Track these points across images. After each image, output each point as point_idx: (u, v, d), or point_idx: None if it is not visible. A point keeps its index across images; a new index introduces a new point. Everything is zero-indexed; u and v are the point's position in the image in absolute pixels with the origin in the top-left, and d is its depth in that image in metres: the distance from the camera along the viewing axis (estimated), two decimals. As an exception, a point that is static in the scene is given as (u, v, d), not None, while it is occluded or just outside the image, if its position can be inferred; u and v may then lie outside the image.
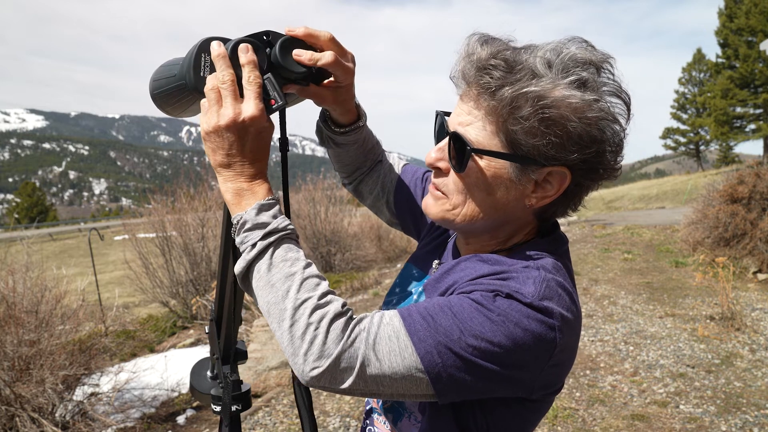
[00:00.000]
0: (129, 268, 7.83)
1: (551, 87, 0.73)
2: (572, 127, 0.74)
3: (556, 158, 0.76)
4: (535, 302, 0.72)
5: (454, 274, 0.85)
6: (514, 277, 0.76)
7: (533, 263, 0.79)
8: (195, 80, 0.73)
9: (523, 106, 0.73)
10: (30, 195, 72.03)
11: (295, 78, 0.79)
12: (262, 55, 0.74)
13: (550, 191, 0.79)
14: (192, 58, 0.73)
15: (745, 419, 3.48)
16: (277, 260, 0.75)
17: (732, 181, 7.93)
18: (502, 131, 0.76)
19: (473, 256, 0.86)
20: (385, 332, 0.72)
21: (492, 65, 0.75)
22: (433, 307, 0.74)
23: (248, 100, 0.75)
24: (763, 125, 38.06)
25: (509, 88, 0.74)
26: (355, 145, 1.08)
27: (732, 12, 37.79)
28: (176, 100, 0.79)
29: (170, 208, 8.06)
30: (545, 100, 0.73)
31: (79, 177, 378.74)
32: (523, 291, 0.73)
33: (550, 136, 0.74)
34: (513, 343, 0.70)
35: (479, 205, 0.82)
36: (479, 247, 0.90)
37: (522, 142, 0.75)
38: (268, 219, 0.77)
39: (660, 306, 6.13)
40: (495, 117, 0.76)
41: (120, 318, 5.70)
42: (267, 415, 3.89)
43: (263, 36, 0.77)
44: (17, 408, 3.26)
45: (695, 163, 56.46)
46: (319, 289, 0.74)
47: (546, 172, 0.78)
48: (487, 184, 0.79)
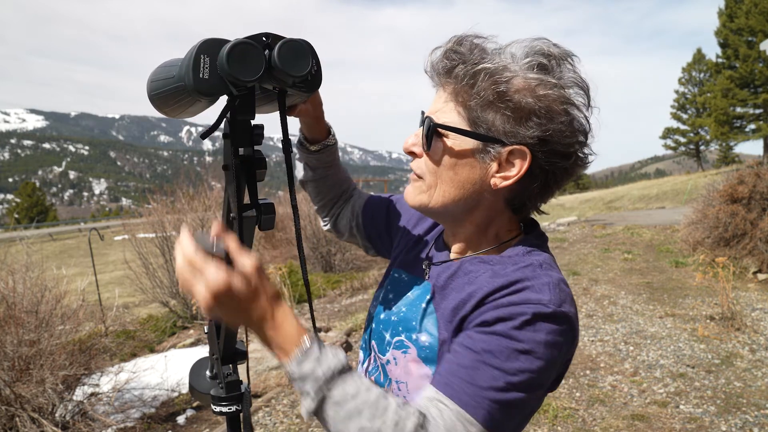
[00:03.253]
0: (129, 268, 7.83)
1: (507, 64, 0.79)
2: (526, 103, 0.77)
3: (514, 135, 0.79)
4: (557, 312, 0.75)
5: (459, 279, 0.87)
6: (528, 287, 0.77)
7: (534, 259, 0.83)
8: (194, 82, 0.73)
9: (479, 81, 0.78)
10: (30, 195, 72.04)
11: (293, 82, 0.78)
12: (260, 58, 0.73)
13: (512, 171, 0.82)
14: (191, 59, 0.72)
15: (745, 419, 3.48)
16: (337, 402, 0.73)
17: (732, 181, 7.92)
18: (463, 109, 0.81)
19: (474, 259, 0.88)
20: (449, 421, 0.73)
21: (453, 50, 0.81)
22: (468, 366, 0.76)
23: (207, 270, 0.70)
24: (763, 125, 38.06)
25: (468, 65, 0.79)
26: (331, 169, 1.13)
27: (732, 12, 37.79)
28: (175, 102, 0.78)
29: (170, 208, 8.07)
30: (500, 75, 0.77)
31: (79, 177, 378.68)
32: (544, 300, 0.75)
33: (506, 111, 0.78)
34: (548, 362, 0.75)
35: (448, 184, 0.86)
36: (465, 238, 0.93)
37: (481, 119, 0.80)
38: (310, 368, 0.73)
39: (660, 306, 6.13)
40: (456, 96, 0.82)
41: (120, 318, 5.69)
42: (267, 415, 3.89)
43: (262, 38, 0.77)
44: (17, 408, 3.27)
45: (695, 163, 56.48)
46: (388, 414, 0.72)
47: (507, 152, 0.81)
48: (452, 162, 0.84)
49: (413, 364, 0.89)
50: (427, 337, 0.87)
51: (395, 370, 0.92)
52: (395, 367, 0.92)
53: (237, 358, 1.02)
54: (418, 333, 0.89)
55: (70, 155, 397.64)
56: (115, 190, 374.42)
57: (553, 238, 11.47)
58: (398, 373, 0.91)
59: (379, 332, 0.98)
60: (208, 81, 0.73)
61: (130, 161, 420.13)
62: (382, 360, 0.96)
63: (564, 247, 10.36)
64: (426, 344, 0.87)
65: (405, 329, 0.92)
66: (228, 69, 0.70)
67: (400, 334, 0.93)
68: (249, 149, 0.81)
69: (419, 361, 0.88)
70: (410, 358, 0.89)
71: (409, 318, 0.93)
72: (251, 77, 0.72)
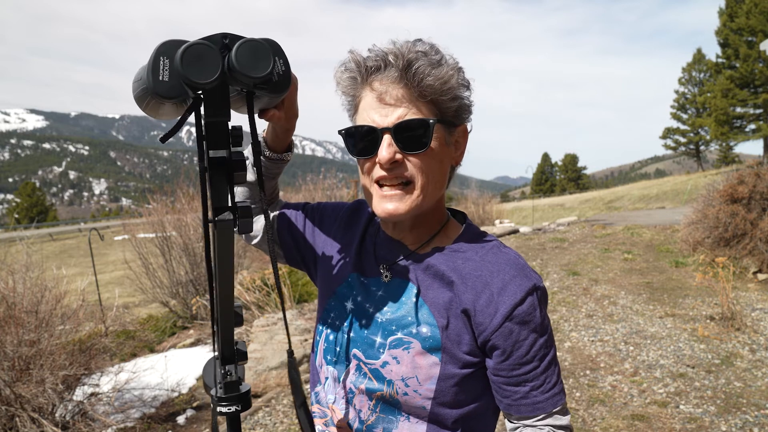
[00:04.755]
0: (129, 268, 7.83)
1: (440, 57, 0.90)
2: (458, 85, 0.91)
3: (462, 117, 0.94)
4: (544, 286, 0.94)
5: (439, 268, 0.95)
6: (525, 275, 0.92)
7: (490, 241, 0.98)
8: (154, 84, 0.72)
9: (441, 72, 0.88)
10: (30, 195, 72.03)
11: (254, 84, 0.77)
12: (216, 59, 0.72)
13: (462, 146, 0.98)
14: (151, 61, 0.72)
15: (745, 419, 3.48)
16: None
17: (732, 181, 7.92)
18: (434, 105, 0.90)
19: (444, 250, 0.97)
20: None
21: (414, 58, 0.88)
22: (552, 368, 0.93)
23: None
24: (763, 125, 38.05)
25: (428, 58, 0.88)
26: (273, 180, 1.15)
27: (732, 12, 37.78)
28: (145, 104, 0.78)
29: (170, 208, 8.06)
30: (441, 68, 0.89)
31: (79, 177, 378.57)
32: (539, 285, 0.92)
33: (456, 96, 0.91)
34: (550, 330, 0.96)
35: (436, 176, 0.93)
36: (423, 226, 1.00)
37: (447, 109, 0.91)
38: None
39: (660, 306, 6.13)
40: (417, 95, 0.89)
41: (120, 318, 5.69)
42: (267, 415, 3.89)
43: (222, 39, 0.75)
44: (17, 408, 3.26)
45: (695, 163, 56.47)
46: None
47: (459, 131, 0.96)
48: (439, 155, 0.92)
49: (420, 357, 0.92)
50: (428, 328, 0.93)
51: (398, 369, 0.93)
52: (397, 366, 0.93)
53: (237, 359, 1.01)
54: (417, 326, 0.93)
55: (70, 155, 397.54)
56: (115, 190, 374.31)
57: (553, 238, 11.48)
58: (403, 371, 0.93)
59: (365, 338, 0.98)
60: (167, 83, 0.71)
61: (130, 161, 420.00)
62: (374, 365, 0.96)
63: (564, 247, 10.36)
64: (428, 335, 0.92)
65: (400, 327, 0.94)
66: (182, 71, 0.68)
67: (395, 332, 0.94)
68: (224, 151, 0.79)
69: (424, 352, 0.92)
70: (415, 352, 0.92)
71: (402, 315, 0.95)
72: (207, 79, 0.70)
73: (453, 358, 0.91)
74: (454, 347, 0.91)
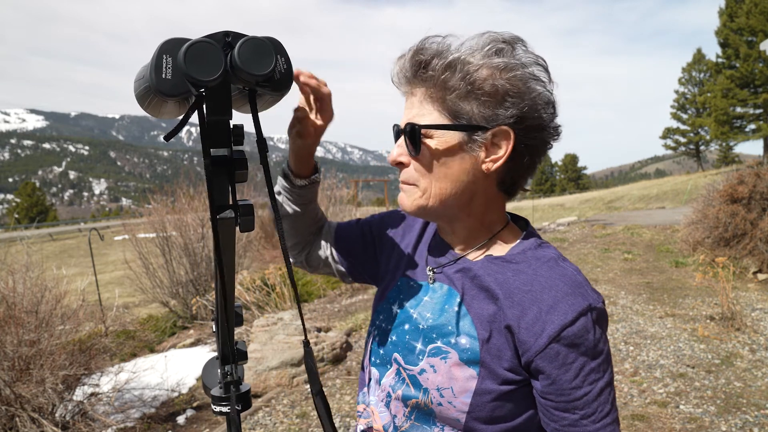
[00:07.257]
0: (129, 268, 7.84)
1: (471, 53, 0.84)
2: (500, 85, 0.82)
3: (494, 118, 0.84)
4: (602, 307, 0.86)
5: (484, 279, 0.90)
6: (580, 294, 0.85)
7: (548, 253, 0.91)
8: (156, 82, 0.72)
9: (451, 77, 0.82)
10: (30, 195, 72.08)
11: (257, 82, 0.77)
12: (219, 57, 0.72)
13: (500, 152, 0.87)
14: (154, 59, 0.72)
15: (745, 419, 3.48)
16: None
17: (732, 181, 7.92)
18: (442, 106, 0.85)
19: (494, 258, 0.92)
20: None
21: (422, 48, 0.85)
22: (605, 396, 0.87)
23: None
24: (763, 125, 38.07)
25: (441, 58, 0.83)
26: (312, 204, 1.12)
27: (733, 11, 37.81)
28: (147, 102, 0.78)
29: (170, 208, 8.07)
30: (470, 65, 0.82)
31: (79, 177, 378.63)
32: (596, 306, 0.85)
33: (482, 97, 0.83)
34: (609, 357, 0.89)
35: (443, 181, 0.89)
36: (465, 230, 0.95)
37: (461, 111, 0.84)
38: None
39: (660, 306, 6.13)
40: (432, 96, 0.85)
41: (120, 318, 5.69)
42: (267, 415, 3.89)
43: (225, 37, 0.76)
44: (17, 408, 3.27)
45: (695, 163, 56.51)
46: None
47: (491, 135, 0.85)
48: (443, 158, 0.87)
49: (456, 369, 0.89)
50: (467, 340, 0.89)
51: (434, 378, 0.91)
52: (434, 375, 0.91)
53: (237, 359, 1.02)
54: (456, 337, 0.90)
55: (70, 155, 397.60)
56: (115, 190, 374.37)
57: (553, 238, 11.48)
58: (439, 380, 0.91)
59: (406, 343, 0.97)
60: (170, 81, 0.71)
61: (130, 161, 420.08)
62: (412, 371, 0.95)
63: (564, 247, 10.36)
64: (467, 347, 0.89)
65: (440, 335, 0.92)
66: (185, 69, 0.68)
67: (435, 341, 0.92)
68: (227, 150, 0.79)
69: (462, 364, 0.89)
70: (452, 363, 0.89)
71: (443, 323, 0.92)
72: (209, 77, 0.70)
73: (492, 374, 0.87)
74: (493, 362, 0.87)
